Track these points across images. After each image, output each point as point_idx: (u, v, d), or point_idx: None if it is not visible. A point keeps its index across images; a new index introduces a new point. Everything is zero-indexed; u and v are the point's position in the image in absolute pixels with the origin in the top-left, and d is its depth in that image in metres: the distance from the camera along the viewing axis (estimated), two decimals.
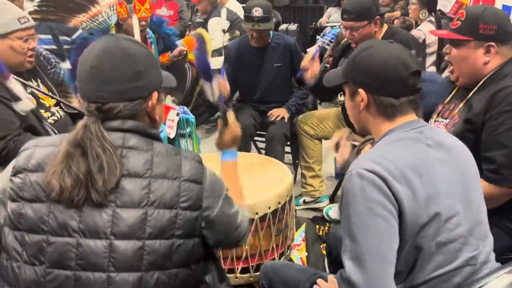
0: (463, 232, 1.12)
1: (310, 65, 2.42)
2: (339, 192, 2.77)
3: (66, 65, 2.54)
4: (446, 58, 1.75)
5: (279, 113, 3.05)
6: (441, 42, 3.65)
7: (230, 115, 1.48)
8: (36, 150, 1.06)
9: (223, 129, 1.45)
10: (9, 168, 1.07)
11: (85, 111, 1.06)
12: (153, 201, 1.01)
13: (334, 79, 1.34)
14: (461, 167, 1.18)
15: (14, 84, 1.70)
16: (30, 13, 2.51)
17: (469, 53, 1.61)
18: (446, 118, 1.74)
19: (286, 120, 3.04)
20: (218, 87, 1.95)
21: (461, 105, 1.68)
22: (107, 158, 0.99)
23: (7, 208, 1.04)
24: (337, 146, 1.62)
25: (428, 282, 1.10)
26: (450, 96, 1.78)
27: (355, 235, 1.06)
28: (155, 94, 1.10)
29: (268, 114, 3.08)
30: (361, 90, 1.20)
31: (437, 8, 3.93)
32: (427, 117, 1.82)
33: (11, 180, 1.05)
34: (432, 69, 3.57)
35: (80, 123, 1.03)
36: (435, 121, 1.80)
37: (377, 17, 2.43)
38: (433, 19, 3.73)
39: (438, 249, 1.09)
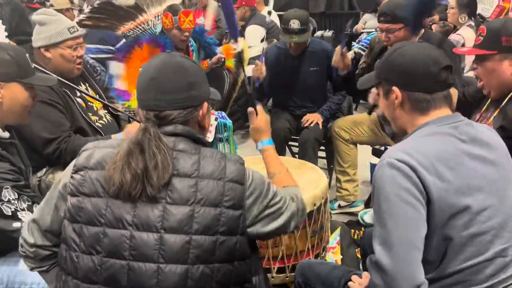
0: (495, 225, 1.15)
1: (340, 60, 2.49)
2: None
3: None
4: (473, 74, 1.78)
5: (313, 119, 3.09)
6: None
7: (259, 108, 1.59)
8: (96, 151, 1.17)
9: (255, 117, 1.57)
10: (70, 166, 1.18)
11: (144, 119, 1.17)
12: (200, 199, 1.09)
13: (368, 81, 1.40)
14: (496, 162, 1.20)
15: None
16: (82, 20, 2.67)
17: (495, 66, 1.66)
18: None
19: (320, 125, 3.08)
20: (255, 71, 2.01)
21: (495, 113, 1.71)
22: (161, 157, 1.09)
23: (67, 202, 1.14)
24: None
25: (459, 273, 1.13)
26: (486, 104, 1.81)
27: (384, 221, 1.11)
28: (205, 104, 1.22)
29: (302, 120, 3.13)
30: (395, 88, 1.25)
31: (477, 13, 3.85)
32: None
33: (72, 176, 1.15)
34: (471, 74, 3.50)
35: (140, 127, 1.14)
36: None
37: None
38: (472, 23, 3.65)
39: (470, 241, 1.12)
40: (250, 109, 1.57)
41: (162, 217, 1.08)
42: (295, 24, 2.91)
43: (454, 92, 1.97)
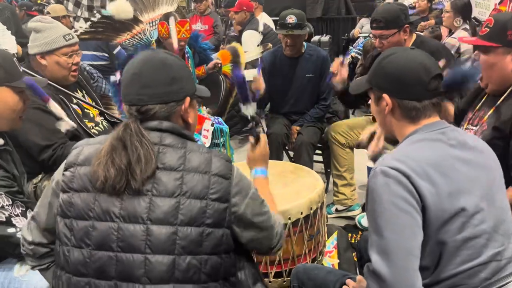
0: (487, 229, 1.15)
1: (339, 69, 2.47)
2: None
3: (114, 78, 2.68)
4: (474, 65, 1.76)
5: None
6: (476, 49, 3.60)
7: (262, 135, 1.56)
8: (85, 148, 1.21)
9: (254, 148, 1.54)
10: (63, 164, 1.21)
11: (127, 113, 1.19)
12: (185, 191, 1.11)
13: (360, 86, 1.40)
14: (485, 166, 1.21)
15: (53, 106, 1.84)
16: (81, 33, 2.68)
17: (498, 59, 1.63)
18: (475, 125, 1.75)
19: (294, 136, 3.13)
20: (254, 84, 1.96)
21: (490, 112, 1.69)
22: (144, 151, 1.11)
23: (59, 199, 1.17)
24: (370, 139, 1.63)
25: (454, 277, 1.13)
26: (480, 103, 1.79)
27: (381, 230, 1.11)
28: (187, 99, 1.22)
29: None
30: (385, 95, 1.25)
31: (473, 16, 3.89)
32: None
33: (63, 174, 1.18)
34: None
35: (122, 123, 1.17)
36: (465, 129, 1.81)
37: (406, 25, 2.45)
38: (467, 27, 3.69)
39: (464, 244, 1.12)
40: (251, 138, 1.55)
41: (148, 209, 1.10)
42: (291, 19, 2.95)
43: (450, 107, 1.97)
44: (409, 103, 1.22)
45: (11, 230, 1.43)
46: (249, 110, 1.58)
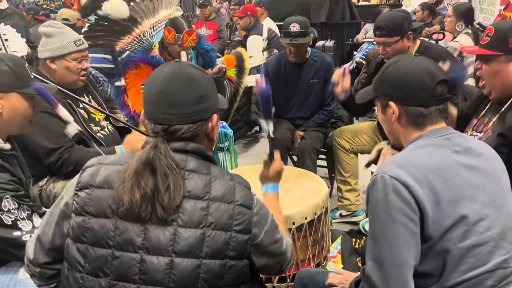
0: (494, 236, 1.14)
1: (341, 79, 2.45)
2: None
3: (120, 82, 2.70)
4: (477, 73, 1.77)
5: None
6: (478, 59, 3.61)
7: (276, 154, 1.54)
8: (102, 168, 1.13)
9: (268, 164, 1.51)
10: (74, 183, 1.14)
11: (150, 131, 1.13)
12: (210, 222, 1.06)
13: (366, 95, 1.41)
14: (491, 172, 1.21)
15: (61, 110, 1.85)
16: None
17: (500, 67, 1.64)
18: (480, 132, 1.75)
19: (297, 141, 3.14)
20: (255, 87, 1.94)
21: (494, 119, 1.69)
22: (173, 177, 1.05)
23: (70, 220, 1.10)
24: (376, 161, 1.64)
25: (460, 285, 1.13)
26: (485, 110, 1.79)
27: (376, 237, 1.12)
28: (215, 116, 1.17)
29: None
30: (391, 103, 1.25)
31: (477, 22, 3.90)
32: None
33: (76, 194, 1.11)
34: (470, 81, 3.52)
35: (150, 144, 1.09)
36: (470, 135, 1.81)
37: (409, 32, 2.45)
38: (470, 31, 3.70)
39: (469, 252, 1.12)
40: (265, 157, 1.52)
41: (173, 240, 1.05)
42: (295, 27, 2.96)
43: (453, 111, 1.97)
44: (415, 109, 1.22)
45: (17, 233, 1.43)
46: (269, 126, 1.56)
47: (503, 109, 1.67)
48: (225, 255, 1.07)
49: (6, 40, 2.53)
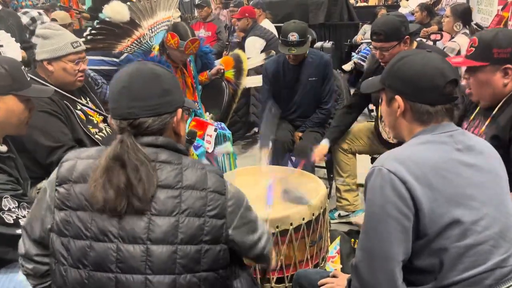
0: (493, 235, 1.14)
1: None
2: None
3: None
4: (464, 83, 1.76)
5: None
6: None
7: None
8: (78, 162, 1.16)
9: None
10: (53, 176, 1.17)
11: (117, 129, 1.15)
12: (184, 209, 1.10)
13: (372, 85, 1.39)
14: (491, 171, 1.20)
15: None
16: (84, 42, 2.70)
17: (487, 77, 1.65)
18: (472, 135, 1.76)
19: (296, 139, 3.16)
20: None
21: (487, 122, 1.70)
22: (144, 169, 1.08)
23: (54, 215, 1.14)
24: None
25: (458, 284, 1.13)
26: (474, 113, 1.80)
27: (368, 229, 1.14)
28: (179, 110, 1.20)
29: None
30: (398, 97, 1.24)
31: (474, 22, 3.91)
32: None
33: (56, 190, 1.15)
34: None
35: (116, 139, 1.13)
36: None
37: (406, 36, 2.43)
38: (467, 31, 3.71)
39: (467, 251, 1.12)
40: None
41: (148, 229, 1.08)
42: (294, 36, 2.94)
43: None
44: (421, 106, 1.21)
45: (19, 231, 1.44)
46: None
47: (493, 113, 1.68)
48: (200, 240, 1.10)
49: (1, 46, 2.53)
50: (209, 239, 1.11)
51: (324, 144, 2.82)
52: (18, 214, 1.45)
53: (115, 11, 2.69)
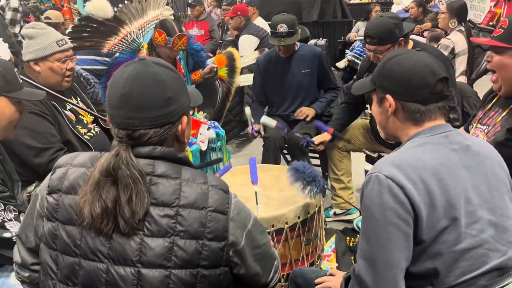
0: (488, 238, 1.11)
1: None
2: None
3: None
4: (488, 66, 1.71)
5: (306, 112, 3.12)
6: (471, 52, 3.61)
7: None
8: (69, 170, 1.08)
9: None
10: (46, 182, 1.10)
11: (115, 136, 1.06)
12: (180, 231, 1.00)
13: (363, 86, 1.38)
14: (487, 172, 1.17)
15: None
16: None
17: (511, 61, 1.60)
18: (484, 125, 1.73)
19: (309, 119, 3.11)
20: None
21: (504, 113, 1.66)
22: (136, 188, 0.99)
23: (44, 224, 1.07)
24: None
25: (456, 287, 1.10)
26: (491, 103, 1.76)
27: (368, 237, 1.10)
28: (184, 118, 1.09)
29: (295, 114, 3.16)
30: (388, 96, 1.22)
31: (468, 19, 3.91)
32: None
33: (46, 198, 1.07)
34: (462, 78, 3.53)
35: (112, 151, 1.03)
36: (475, 128, 1.79)
37: (401, 38, 2.40)
38: (462, 28, 3.71)
39: (463, 255, 1.09)
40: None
41: (139, 251, 0.99)
42: (283, 28, 2.97)
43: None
44: (413, 105, 1.19)
45: (7, 234, 1.42)
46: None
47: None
48: (197, 265, 1.01)
49: None
50: (208, 264, 1.02)
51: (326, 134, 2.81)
52: (4, 217, 1.42)
53: (97, 8, 2.66)
